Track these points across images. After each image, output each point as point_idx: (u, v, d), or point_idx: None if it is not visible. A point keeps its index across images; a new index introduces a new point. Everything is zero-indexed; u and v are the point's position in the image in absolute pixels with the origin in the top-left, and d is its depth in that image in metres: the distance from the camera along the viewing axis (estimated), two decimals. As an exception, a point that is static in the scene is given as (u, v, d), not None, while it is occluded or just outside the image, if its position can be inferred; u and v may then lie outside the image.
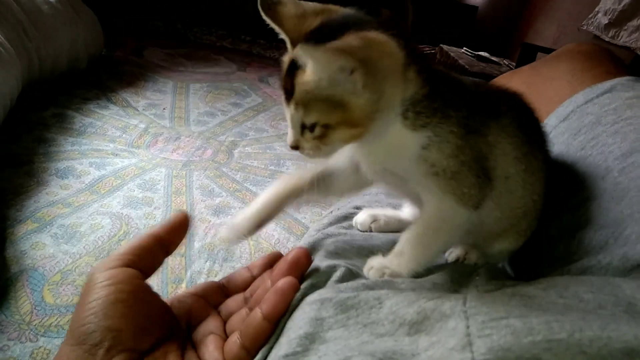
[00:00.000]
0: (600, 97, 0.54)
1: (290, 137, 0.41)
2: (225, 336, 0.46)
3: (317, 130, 0.40)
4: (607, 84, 0.55)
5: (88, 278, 0.39)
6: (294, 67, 0.39)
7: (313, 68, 0.38)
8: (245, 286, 0.50)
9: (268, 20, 0.42)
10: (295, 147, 0.42)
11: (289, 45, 0.41)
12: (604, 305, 0.33)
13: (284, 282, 0.45)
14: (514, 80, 0.70)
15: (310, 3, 0.43)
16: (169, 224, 0.46)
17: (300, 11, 0.42)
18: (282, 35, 0.42)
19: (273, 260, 0.51)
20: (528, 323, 0.31)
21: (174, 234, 0.47)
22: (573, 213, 0.47)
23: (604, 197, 0.45)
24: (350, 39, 0.36)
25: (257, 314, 0.44)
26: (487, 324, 0.31)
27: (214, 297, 0.48)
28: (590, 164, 0.49)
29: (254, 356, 0.43)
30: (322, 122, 0.40)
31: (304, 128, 0.41)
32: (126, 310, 0.39)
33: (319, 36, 0.38)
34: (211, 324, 0.47)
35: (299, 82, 0.39)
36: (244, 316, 0.47)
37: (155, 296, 0.41)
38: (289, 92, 0.40)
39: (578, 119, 0.53)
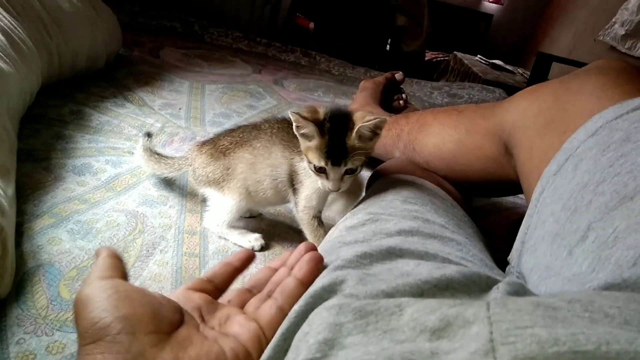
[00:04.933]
0: (631, 113, 0.53)
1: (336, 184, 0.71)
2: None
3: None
4: (638, 100, 0.54)
5: (79, 294, 0.40)
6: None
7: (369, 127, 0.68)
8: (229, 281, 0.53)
9: (301, 122, 0.68)
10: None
11: (315, 128, 0.68)
12: (629, 321, 0.32)
13: (313, 253, 0.50)
14: (542, 92, 0.69)
15: (304, 108, 0.72)
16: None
17: (309, 114, 0.70)
18: (309, 125, 0.68)
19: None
20: (553, 333, 0.30)
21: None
22: (599, 232, 0.46)
23: (632, 217, 0.44)
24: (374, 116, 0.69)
25: (292, 279, 0.48)
26: (512, 331, 0.31)
27: (212, 292, 0.51)
28: (618, 182, 0.48)
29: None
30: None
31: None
32: (134, 301, 0.40)
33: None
34: (226, 310, 0.48)
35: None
36: (262, 300, 0.49)
37: (153, 294, 0.44)
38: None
39: (607, 134, 0.53)
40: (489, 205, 1.08)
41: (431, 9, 3.01)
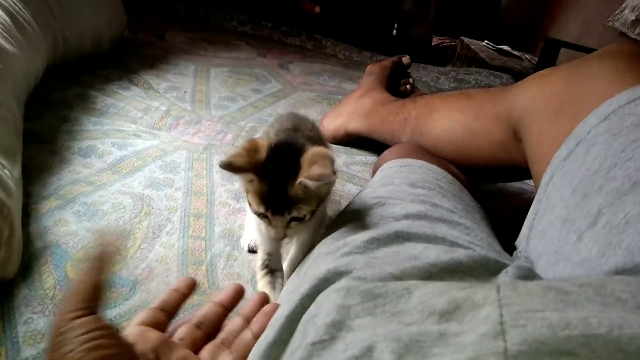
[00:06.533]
0: None
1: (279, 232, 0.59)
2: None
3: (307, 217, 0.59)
4: None
5: (55, 328, 0.38)
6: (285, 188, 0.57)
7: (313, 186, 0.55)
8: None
9: (235, 176, 0.60)
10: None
11: (253, 175, 0.57)
12: None
13: (271, 306, 0.52)
14: (552, 77, 0.68)
15: (242, 144, 0.60)
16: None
17: (244, 157, 0.57)
18: (245, 175, 0.58)
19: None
20: (565, 317, 0.30)
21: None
22: (610, 217, 0.46)
23: None
24: (326, 167, 0.56)
25: (248, 334, 0.50)
26: (522, 314, 0.31)
27: (164, 322, 0.52)
28: (630, 167, 0.47)
29: None
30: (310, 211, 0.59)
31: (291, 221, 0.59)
32: (104, 353, 0.39)
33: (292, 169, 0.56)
34: (182, 353, 0.49)
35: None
36: (217, 347, 0.51)
37: (120, 336, 0.42)
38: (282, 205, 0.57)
39: (619, 119, 0.52)
40: (496, 190, 1.07)
41: (439, -7, 2.97)
